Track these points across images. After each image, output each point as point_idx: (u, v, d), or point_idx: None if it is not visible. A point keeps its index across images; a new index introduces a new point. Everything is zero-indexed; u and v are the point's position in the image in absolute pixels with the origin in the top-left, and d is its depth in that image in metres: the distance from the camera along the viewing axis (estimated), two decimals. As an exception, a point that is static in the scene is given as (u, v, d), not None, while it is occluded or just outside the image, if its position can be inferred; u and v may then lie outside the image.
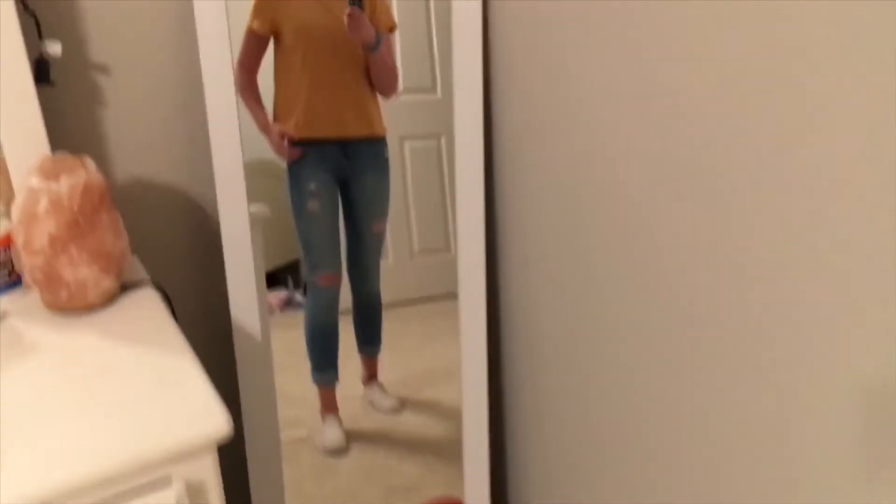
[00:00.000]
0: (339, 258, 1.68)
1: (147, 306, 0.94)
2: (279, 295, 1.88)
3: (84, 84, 1.23)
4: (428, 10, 1.66)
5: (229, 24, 1.29)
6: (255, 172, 1.78)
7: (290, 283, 1.91)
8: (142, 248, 1.35)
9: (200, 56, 1.24)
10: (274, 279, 1.91)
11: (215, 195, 1.36)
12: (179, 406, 0.74)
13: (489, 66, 1.44)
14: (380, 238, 1.69)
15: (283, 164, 1.77)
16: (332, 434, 1.73)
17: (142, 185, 1.32)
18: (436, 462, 1.75)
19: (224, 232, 1.29)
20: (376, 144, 1.64)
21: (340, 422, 1.75)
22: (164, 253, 1.40)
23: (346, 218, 1.67)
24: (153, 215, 1.35)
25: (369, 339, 1.77)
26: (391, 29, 1.61)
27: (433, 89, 1.68)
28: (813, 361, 0.71)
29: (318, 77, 1.55)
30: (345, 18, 1.48)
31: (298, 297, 1.91)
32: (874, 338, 0.64)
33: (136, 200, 1.33)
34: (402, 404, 1.76)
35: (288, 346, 1.93)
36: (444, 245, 1.78)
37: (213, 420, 0.72)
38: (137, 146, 1.30)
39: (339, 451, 1.73)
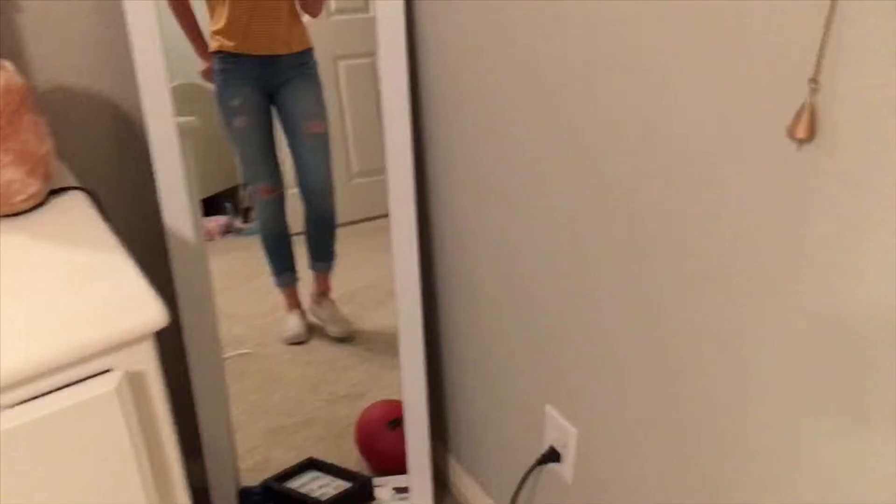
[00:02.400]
0: (277, 170, 1.68)
1: (76, 208, 0.92)
2: (218, 221, 1.90)
3: None
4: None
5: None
6: (187, 97, 1.74)
7: (229, 209, 1.90)
8: (69, 156, 1.30)
9: None
10: (212, 206, 1.89)
11: (139, 102, 1.31)
12: (114, 297, 0.73)
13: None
14: (321, 140, 1.68)
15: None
16: (292, 324, 1.79)
17: (63, 91, 1.26)
18: (380, 371, 1.78)
19: (151, 137, 1.26)
20: (299, 56, 1.63)
21: (303, 315, 1.79)
22: (91, 161, 1.35)
23: (283, 128, 1.66)
24: (78, 122, 1.30)
25: (320, 254, 1.78)
26: None
27: (365, 8, 1.64)
28: (770, 291, 0.76)
29: None
30: None
31: (237, 222, 1.90)
32: (824, 274, 0.69)
33: (60, 107, 1.27)
34: (350, 334, 1.78)
35: (229, 269, 1.92)
36: (382, 166, 1.76)
37: (149, 309, 0.72)
38: (57, 51, 1.24)
39: (298, 340, 1.79)
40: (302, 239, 1.73)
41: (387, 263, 1.69)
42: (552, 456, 1.21)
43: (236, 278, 1.92)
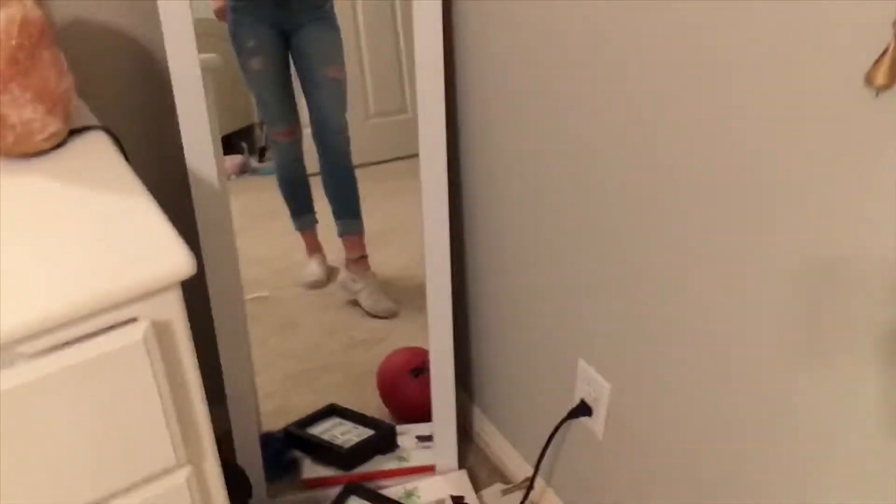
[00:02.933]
0: (294, 113, 1.63)
1: (98, 149, 0.88)
2: (234, 160, 1.87)
3: None
4: None
5: None
6: (205, 33, 1.69)
7: (245, 148, 1.87)
8: (88, 94, 1.26)
9: None
10: (228, 144, 1.86)
11: (161, 39, 1.26)
12: (139, 244, 0.71)
13: None
14: (336, 84, 1.61)
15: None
16: (310, 269, 1.75)
17: (82, 25, 1.21)
18: (399, 318, 1.76)
19: (174, 76, 1.21)
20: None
21: (323, 259, 1.76)
22: (112, 98, 1.31)
23: (299, 71, 1.60)
24: (98, 58, 1.25)
25: (343, 211, 1.71)
26: None
27: None
28: (760, 239, 0.76)
29: None
30: None
31: (253, 162, 1.87)
32: (810, 221, 0.70)
33: (78, 42, 1.22)
34: (396, 311, 1.74)
35: (246, 210, 1.89)
36: (401, 106, 1.71)
37: (176, 256, 0.69)
38: None
39: (317, 286, 1.75)
40: (319, 181, 1.69)
41: (405, 205, 1.66)
42: (583, 410, 1.19)
43: (253, 219, 1.89)
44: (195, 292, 1.47)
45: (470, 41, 1.31)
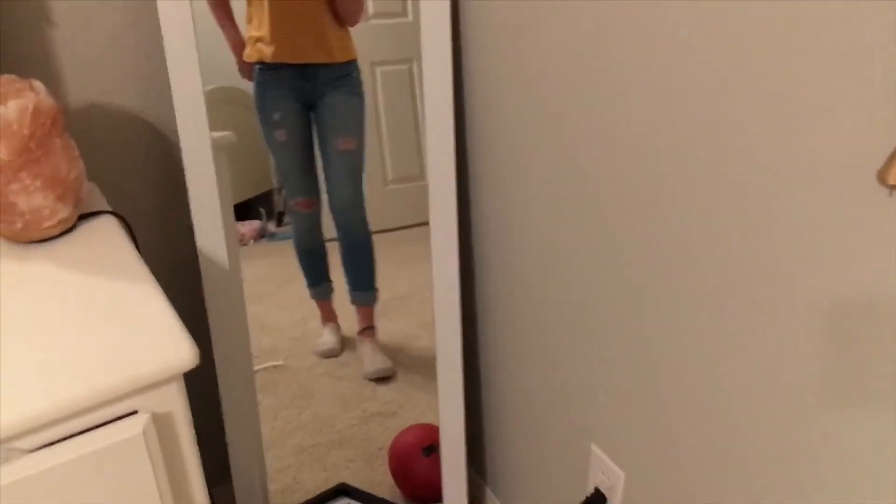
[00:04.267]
0: (315, 184, 1.66)
1: (107, 235, 0.90)
2: (252, 225, 1.88)
3: (29, 4, 1.15)
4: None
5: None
6: (224, 100, 1.72)
7: (263, 213, 1.89)
8: (100, 176, 1.29)
9: None
10: (246, 210, 1.88)
11: (175, 119, 1.29)
12: (142, 335, 0.71)
13: None
14: (351, 157, 1.64)
15: (252, 92, 1.71)
16: (325, 338, 1.76)
17: (96, 109, 1.25)
18: (411, 389, 1.75)
19: (186, 158, 1.24)
20: (340, 68, 1.60)
21: (338, 328, 1.76)
22: (123, 181, 1.34)
23: (319, 142, 1.64)
24: (110, 141, 1.29)
25: (357, 283, 1.74)
26: None
27: (404, 13, 1.61)
28: (784, 280, 0.75)
29: (279, 3, 1.50)
30: None
31: (271, 227, 1.88)
32: (840, 261, 0.67)
33: (92, 126, 1.26)
34: (392, 372, 1.75)
35: (263, 276, 1.90)
36: (419, 173, 1.73)
37: (178, 349, 0.69)
38: (89, 67, 1.23)
39: (331, 355, 1.76)
40: (336, 246, 1.71)
41: (421, 273, 1.66)
42: (598, 499, 1.16)
43: (270, 284, 1.90)
44: (204, 367, 1.48)
45: (481, 105, 1.33)
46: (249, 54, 1.53)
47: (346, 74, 1.58)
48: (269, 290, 1.89)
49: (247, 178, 1.85)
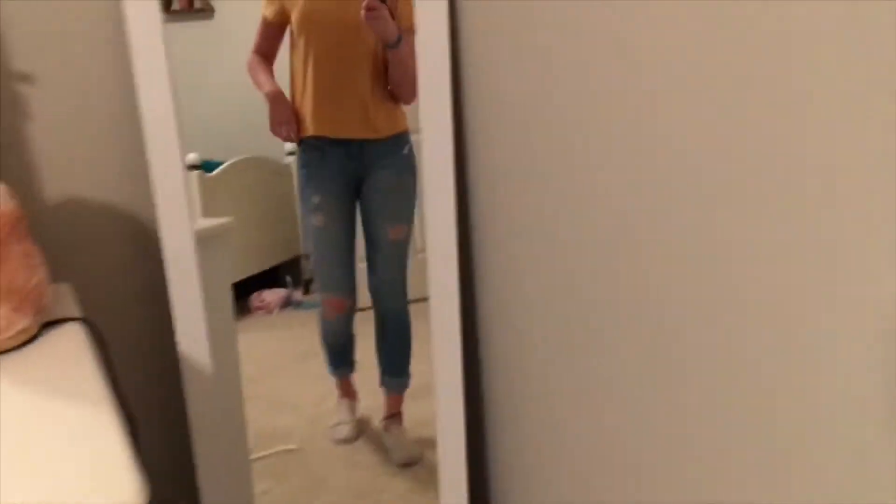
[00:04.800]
0: (351, 280, 1.55)
1: (70, 348, 0.83)
2: (277, 294, 1.84)
3: (5, 95, 1.09)
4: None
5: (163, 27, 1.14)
6: (253, 171, 1.69)
7: (289, 281, 1.86)
8: (76, 277, 1.16)
9: (134, 63, 1.08)
10: (273, 277, 1.84)
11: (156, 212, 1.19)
12: (88, 471, 0.63)
13: (458, 64, 1.29)
14: (399, 247, 1.54)
15: (282, 161, 1.69)
16: (341, 424, 1.66)
17: (74, 206, 1.15)
18: (428, 477, 1.64)
19: (167, 254, 1.12)
20: (388, 143, 1.50)
21: (355, 407, 1.67)
22: (103, 281, 1.23)
23: (363, 225, 1.55)
24: (89, 240, 1.19)
25: (391, 369, 1.62)
26: (409, 29, 1.47)
27: None
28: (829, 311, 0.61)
29: (322, 72, 1.44)
30: (362, 11, 1.32)
31: (297, 295, 1.84)
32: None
33: (69, 224, 1.16)
34: (420, 458, 1.64)
35: (285, 349, 1.85)
36: (419, 245, 1.67)
37: (123, 490, 0.61)
38: (68, 164, 1.13)
39: (347, 441, 1.66)
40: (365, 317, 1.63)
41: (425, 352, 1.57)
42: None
43: (291, 357, 1.84)
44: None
45: (483, 184, 1.24)
46: (292, 128, 1.47)
47: (395, 150, 1.49)
48: (289, 364, 1.83)
49: (274, 244, 1.83)
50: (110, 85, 1.17)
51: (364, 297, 1.56)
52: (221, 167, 1.68)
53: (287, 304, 1.87)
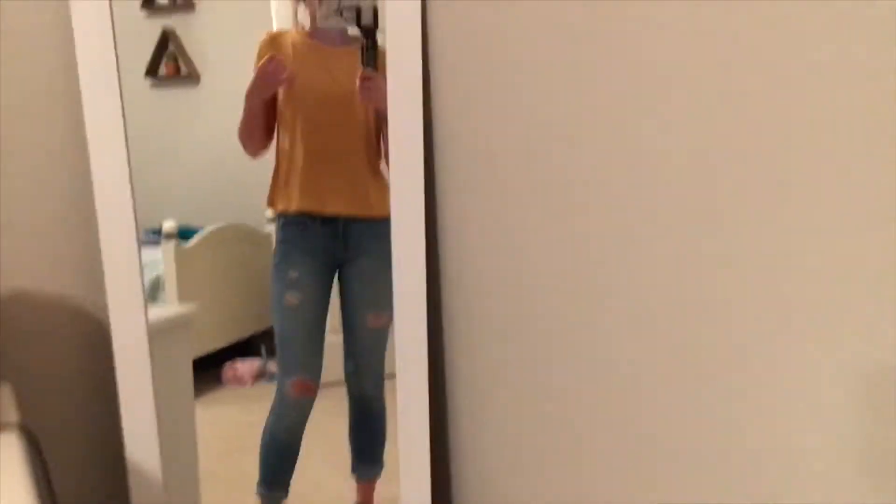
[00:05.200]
0: (319, 363, 1.44)
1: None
2: (251, 364, 1.76)
3: None
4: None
5: (122, 105, 1.09)
6: (231, 239, 1.70)
7: (264, 351, 1.78)
8: (20, 377, 1.06)
9: (89, 147, 1.03)
10: (247, 347, 1.79)
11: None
12: None
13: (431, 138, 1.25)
14: (379, 335, 1.45)
15: (262, 230, 1.64)
16: None
17: (19, 300, 1.06)
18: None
19: (117, 353, 1.04)
20: (377, 225, 1.36)
21: None
22: (49, 381, 1.12)
23: (342, 308, 1.46)
24: (35, 336, 1.10)
25: (365, 457, 1.54)
26: None
27: None
28: (811, 351, 0.65)
29: (312, 145, 1.38)
30: (357, 82, 1.28)
31: (272, 366, 1.78)
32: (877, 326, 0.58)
33: (13, 319, 1.07)
34: None
35: (256, 422, 1.76)
36: None
37: None
38: (13, 254, 1.06)
39: None
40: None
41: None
42: None
43: (259, 434, 1.75)
44: None
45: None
46: (273, 202, 1.40)
47: (382, 235, 1.42)
48: (258, 441, 1.74)
49: (250, 313, 1.76)
50: (60, 163, 1.11)
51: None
52: (200, 235, 1.63)
53: (261, 375, 1.79)
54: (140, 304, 1.07)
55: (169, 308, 1.30)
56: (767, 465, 0.71)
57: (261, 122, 1.37)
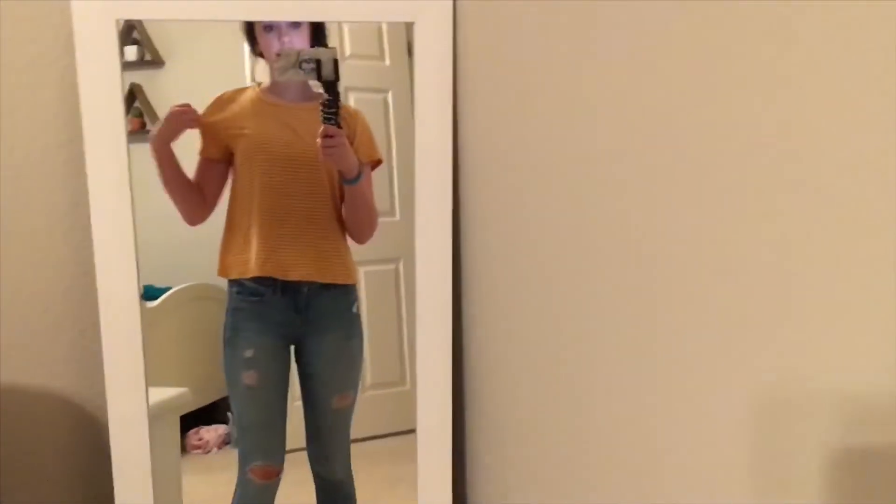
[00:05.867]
0: (282, 446, 1.36)
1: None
2: (217, 431, 1.73)
3: None
4: (388, 129, 1.52)
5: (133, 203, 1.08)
6: (195, 298, 1.69)
7: (230, 417, 1.72)
8: (15, 472, 1.02)
9: (94, 239, 1.02)
10: (211, 413, 1.75)
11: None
12: None
13: (458, 184, 1.25)
14: (344, 415, 1.40)
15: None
16: None
17: (17, 390, 1.03)
18: None
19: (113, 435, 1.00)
20: (338, 295, 1.38)
21: None
22: (44, 473, 1.08)
23: (301, 387, 1.39)
24: (31, 426, 1.05)
25: None
26: (375, 163, 1.39)
27: (391, 212, 1.52)
28: (706, 366, 0.72)
29: (273, 207, 1.32)
30: (319, 140, 1.22)
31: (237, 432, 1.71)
32: (775, 343, 0.63)
33: (10, 409, 1.03)
34: None
35: (221, 493, 1.69)
36: (399, 378, 1.59)
37: None
38: (16, 343, 1.03)
39: None
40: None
41: (404, 501, 1.44)
42: None
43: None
44: None
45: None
46: (226, 268, 1.33)
47: (344, 307, 1.37)
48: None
49: (215, 377, 1.71)
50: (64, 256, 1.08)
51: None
52: (165, 296, 1.60)
53: (226, 442, 1.73)
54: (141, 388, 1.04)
55: (163, 391, 1.23)
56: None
57: (179, 179, 1.33)
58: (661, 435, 0.79)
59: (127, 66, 1.59)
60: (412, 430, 1.36)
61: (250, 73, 1.44)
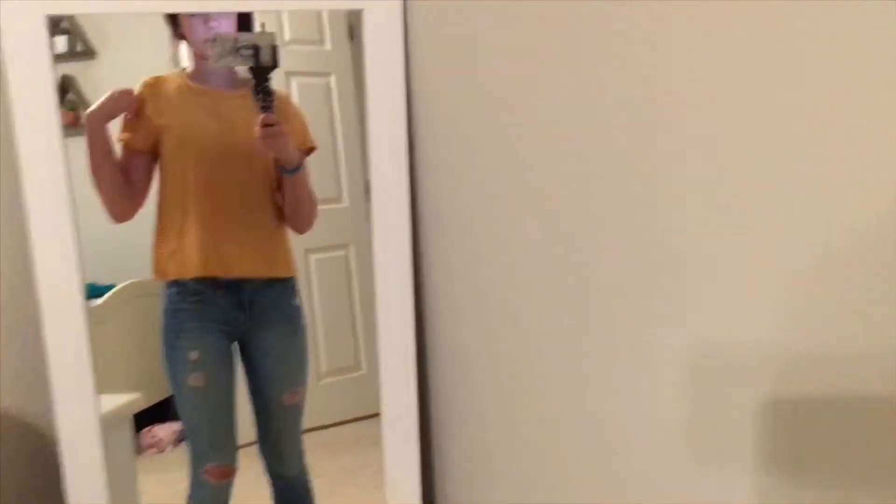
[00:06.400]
0: (234, 445, 1.32)
1: None
2: (170, 428, 1.68)
3: None
4: (331, 114, 1.50)
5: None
6: (138, 296, 1.62)
7: None
8: None
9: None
10: (164, 410, 1.70)
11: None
12: None
13: (415, 168, 1.23)
14: (295, 411, 1.35)
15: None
16: None
17: None
18: None
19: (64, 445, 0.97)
20: (281, 289, 1.32)
21: None
22: None
23: (249, 384, 1.34)
24: None
25: None
26: (309, 150, 1.32)
27: (339, 199, 1.50)
28: (640, 332, 0.74)
29: (209, 202, 1.25)
30: (258, 129, 1.16)
31: None
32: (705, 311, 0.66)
33: None
34: None
35: (177, 492, 1.66)
36: (355, 364, 1.58)
37: None
38: None
39: None
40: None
41: (367, 490, 1.43)
42: None
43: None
44: None
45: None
46: (163, 270, 1.26)
47: (287, 300, 1.32)
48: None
49: (163, 374, 1.68)
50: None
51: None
52: (109, 293, 1.55)
53: (181, 439, 1.72)
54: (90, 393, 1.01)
55: (115, 398, 1.19)
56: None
57: (110, 164, 1.24)
58: (607, 406, 0.82)
59: (58, 57, 1.53)
60: (371, 416, 1.33)
61: (171, 56, 1.38)
